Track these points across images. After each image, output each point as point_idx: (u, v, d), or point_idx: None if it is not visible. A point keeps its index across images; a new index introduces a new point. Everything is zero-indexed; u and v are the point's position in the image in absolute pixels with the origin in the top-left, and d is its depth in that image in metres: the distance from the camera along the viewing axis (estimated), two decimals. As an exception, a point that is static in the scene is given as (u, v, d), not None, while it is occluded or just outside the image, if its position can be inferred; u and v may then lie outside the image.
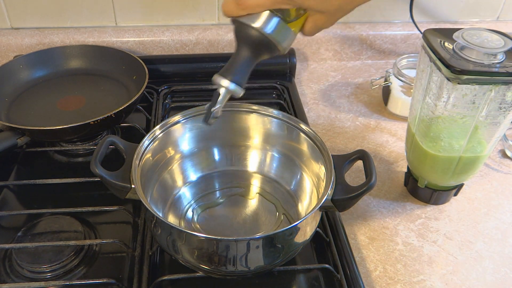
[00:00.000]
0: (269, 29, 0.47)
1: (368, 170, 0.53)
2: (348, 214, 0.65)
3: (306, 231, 0.52)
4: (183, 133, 0.62)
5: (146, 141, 0.57)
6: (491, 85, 0.52)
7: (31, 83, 0.82)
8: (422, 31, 0.96)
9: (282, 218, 0.60)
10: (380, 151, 0.76)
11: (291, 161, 0.63)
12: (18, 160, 0.73)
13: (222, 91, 0.48)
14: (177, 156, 0.63)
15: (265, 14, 0.46)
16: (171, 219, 0.59)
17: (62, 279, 0.54)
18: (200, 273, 0.53)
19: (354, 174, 0.71)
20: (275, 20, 0.47)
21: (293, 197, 0.63)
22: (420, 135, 0.61)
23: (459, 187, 0.65)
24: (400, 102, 0.82)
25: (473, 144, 0.58)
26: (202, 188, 0.64)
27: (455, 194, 0.66)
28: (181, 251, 0.50)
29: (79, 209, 0.61)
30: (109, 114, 0.67)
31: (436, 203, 0.66)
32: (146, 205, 0.48)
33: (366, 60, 1.01)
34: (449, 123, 0.57)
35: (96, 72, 0.85)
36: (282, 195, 0.63)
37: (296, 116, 0.80)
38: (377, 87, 0.89)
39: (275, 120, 0.62)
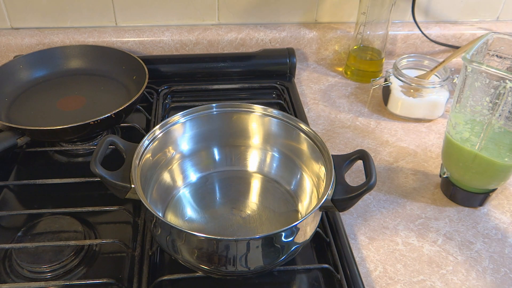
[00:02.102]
0: None
1: (368, 170, 0.53)
2: (348, 214, 0.65)
3: (306, 231, 0.52)
4: (183, 133, 0.62)
5: (146, 141, 0.57)
6: None
7: (31, 83, 0.82)
8: (423, 31, 0.96)
9: (282, 218, 0.60)
10: (380, 151, 0.76)
11: (291, 161, 0.63)
12: (18, 160, 0.73)
13: None
14: (177, 156, 0.63)
15: None
16: (171, 219, 0.59)
17: (62, 279, 0.54)
18: (200, 273, 0.53)
19: (354, 174, 0.71)
20: None
21: (293, 197, 0.63)
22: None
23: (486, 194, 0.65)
24: (400, 102, 0.82)
25: None
26: (202, 188, 0.64)
27: (480, 204, 0.66)
28: (181, 251, 0.50)
29: (79, 209, 0.61)
30: (109, 114, 0.67)
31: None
32: (146, 205, 0.48)
33: (366, 60, 1.01)
34: None
35: (96, 72, 0.85)
36: (282, 195, 0.63)
37: (296, 116, 0.80)
38: (377, 87, 0.89)
39: (275, 120, 0.62)
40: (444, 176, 0.67)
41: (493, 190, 0.65)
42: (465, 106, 0.60)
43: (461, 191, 0.65)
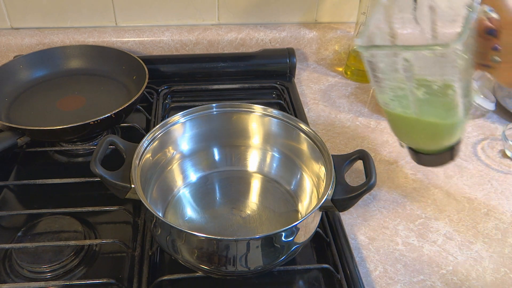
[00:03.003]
0: None
1: (368, 170, 0.53)
2: (348, 214, 0.65)
3: (306, 231, 0.52)
4: (183, 133, 0.62)
5: (146, 141, 0.57)
6: None
7: (31, 83, 0.82)
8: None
9: (282, 218, 0.60)
10: (380, 151, 0.76)
11: (291, 161, 0.63)
12: (18, 160, 0.73)
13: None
14: (177, 156, 0.63)
15: None
16: (171, 219, 0.59)
17: (62, 279, 0.54)
18: (200, 273, 0.53)
19: (354, 174, 0.71)
20: None
21: (293, 197, 0.63)
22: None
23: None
24: (400, 102, 0.82)
25: None
26: (202, 188, 0.64)
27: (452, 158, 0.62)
28: (181, 251, 0.50)
29: (79, 209, 0.61)
30: (109, 114, 0.67)
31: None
32: (146, 205, 0.48)
33: (366, 60, 1.01)
34: None
35: (96, 72, 0.85)
36: (282, 195, 0.63)
37: (296, 116, 0.80)
38: (377, 87, 0.89)
39: (275, 120, 0.62)
40: (405, 147, 0.62)
41: (457, 143, 0.60)
42: (383, 87, 0.56)
43: (426, 156, 0.61)
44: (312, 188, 0.60)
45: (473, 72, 0.55)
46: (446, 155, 0.61)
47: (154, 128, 0.59)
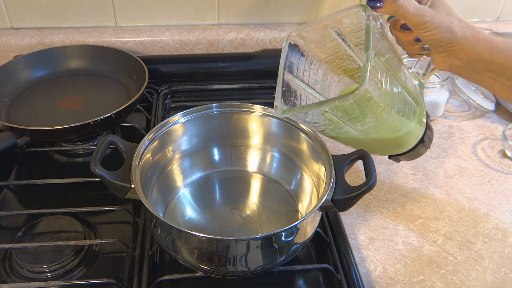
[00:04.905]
0: None
1: (368, 170, 0.53)
2: (348, 214, 0.65)
3: (306, 231, 0.52)
4: (183, 133, 0.62)
5: (146, 141, 0.57)
6: None
7: (31, 83, 0.82)
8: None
9: (282, 218, 0.60)
10: (380, 151, 0.76)
11: (291, 161, 0.63)
12: (18, 160, 0.73)
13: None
14: (177, 156, 0.63)
15: None
16: (171, 219, 0.59)
17: (62, 279, 0.55)
18: (200, 273, 0.53)
19: (354, 174, 0.71)
20: None
21: (293, 197, 0.63)
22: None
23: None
24: (400, 102, 0.82)
25: None
26: (202, 188, 0.64)
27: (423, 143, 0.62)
28: (181, 251, 0.50)
29: (79, 209, 0.61)
30: (109, 114, 0.67)
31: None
32: (146, 205, 0.48)
33: (366, 60, 1.01)
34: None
35: (96, 72, 0.85)
36: (282, 195, 0.63)
37: (296, 116, 0.80)
38: (377, 87, 0.89)
39: (275, 120, 0.62)
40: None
41: (424, 134, 0.60)
42: (322, 130, 0.56)
43: (400, 156, 0.62)
44: (312, 188, 0.60)
45: (400, 76, 0.55)
46: (419, 148, 0.61)
47: (154, 128, 0.59)
